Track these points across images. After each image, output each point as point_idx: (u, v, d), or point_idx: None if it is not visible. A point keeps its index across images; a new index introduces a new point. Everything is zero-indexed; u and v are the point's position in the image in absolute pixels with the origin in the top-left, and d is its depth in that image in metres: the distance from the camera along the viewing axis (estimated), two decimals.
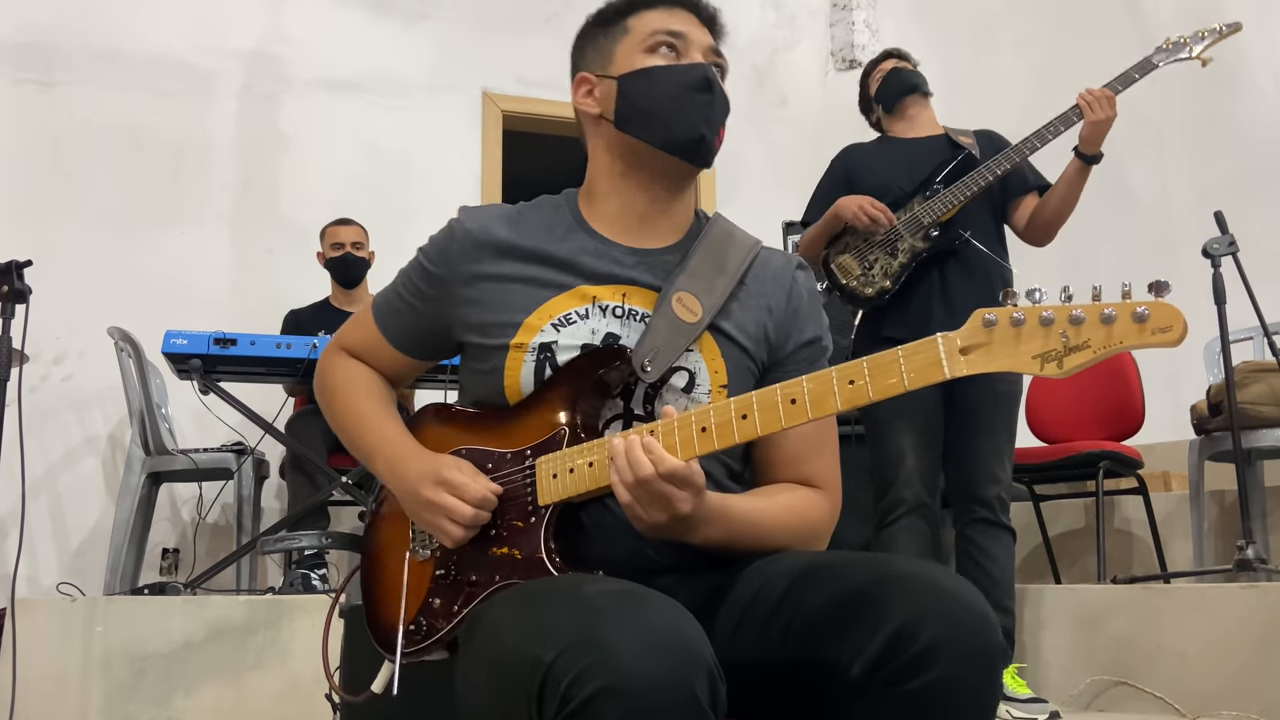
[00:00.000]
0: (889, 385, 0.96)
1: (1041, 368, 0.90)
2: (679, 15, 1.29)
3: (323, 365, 1.42)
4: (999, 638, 0.98)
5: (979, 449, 2.72)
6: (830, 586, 1.04)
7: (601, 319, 1.24)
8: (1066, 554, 3.90)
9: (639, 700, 0.85)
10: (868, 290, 2.80)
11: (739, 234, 1.34)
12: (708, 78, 1.26)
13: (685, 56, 1.28)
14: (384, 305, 1.37)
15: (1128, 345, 0.88)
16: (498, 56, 5.10)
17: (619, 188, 1.29)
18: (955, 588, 0.99)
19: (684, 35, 1.27)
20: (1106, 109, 2.64)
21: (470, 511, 1.15)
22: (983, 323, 0.93)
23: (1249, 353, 3.68)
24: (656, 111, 1.25)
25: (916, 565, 1.04)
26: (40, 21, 4.54)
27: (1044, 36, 5.36)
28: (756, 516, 1.20)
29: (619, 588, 0.98)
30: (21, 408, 2.60)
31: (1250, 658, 2.55)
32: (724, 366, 1.25)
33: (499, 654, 0.99)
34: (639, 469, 1.05)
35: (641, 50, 1.27)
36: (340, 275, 4.09)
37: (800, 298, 1.32)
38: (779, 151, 5.40)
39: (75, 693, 2.76)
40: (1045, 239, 2.87)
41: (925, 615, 0.95)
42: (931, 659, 0.94)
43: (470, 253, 1.28)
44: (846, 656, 0.98)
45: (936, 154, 2.86)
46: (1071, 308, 0.89)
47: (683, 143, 1.25)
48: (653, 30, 1.27)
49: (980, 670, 0.96)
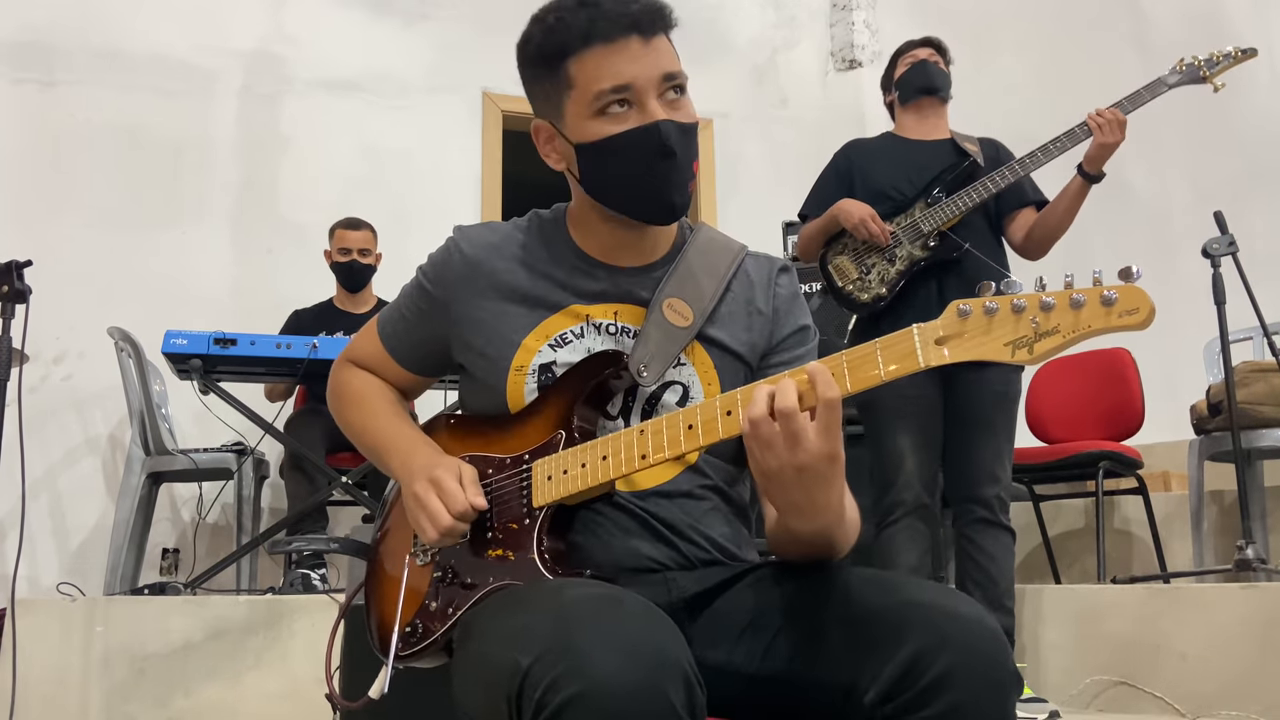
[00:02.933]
0: (868, 377, 0.97)
1: (1013, 354, 0.91)
2: (619, 51, 1.15)
3: (334, 378, 1.44)
4: (1013, 666, 0.98)
5: (978, 449, 2.72)
6: (843, 608, 1.04)
7: (596, 337, 1.26)
8: (1066, 554, 3.91)
9: (612, 706, 0.85)
10: (863, 296, 2.80)
11: (724, 240, 1.35)
12: (665, 142, 1.17)
13: (641, 109, 1.17)
14: (388, 323, 1.39)
15: (1096, 328, 0.89)
16: (498, 56, 5.05)
17: (604, 224, 1.29)
18: (969, 614, 0.99)
19: (632, 86, 1.15)
20: (1117, 133, 2.64)
21: (448, 522, 1.15)
22: (957, 313, 0.94)
23: (1249, 353, 3.69)
24: (621, 186, 1.21)
25: (931, 590, 1.04)
26: (40, 21, 4.54)
27: (1044, 36, 5.37)
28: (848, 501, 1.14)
29: (598, 593, 0.98)
30: (21, 408, 2.61)
31: (1250, 658, 2.55)
32: (716, 378, 1.26)
33: (483, 658, 1.00)
34: (784, 398, 0.98)
35: (590, 114, 1.17)
36: (345, 280, 4.11)
37: (782, 298, 1.34)
38: (779, 151, 5.40)
39: (75, 693, 2.76)
40: (1040, 253, 2.86)
41: (939, 643, 0.95)
42: (945, 687, 0.94)
43: (467, 274, 1.29)
44: (860, 682, 0.98)
45: (941, 159, 2.85)
46: (1043, 295, 0.90)
47: (651, 211, 1.24)
48: (598, 91, 1.16)
49: (993, 699, 0.96)
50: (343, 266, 4.07)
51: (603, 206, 1.25)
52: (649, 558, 1.20)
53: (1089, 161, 2.69)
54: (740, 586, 1.18)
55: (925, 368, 0.94)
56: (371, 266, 4.11)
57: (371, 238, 4.13)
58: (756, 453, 1.00)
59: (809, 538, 1.09)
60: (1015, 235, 2.88)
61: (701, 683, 0.92)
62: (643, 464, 1.10)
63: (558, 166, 1.27)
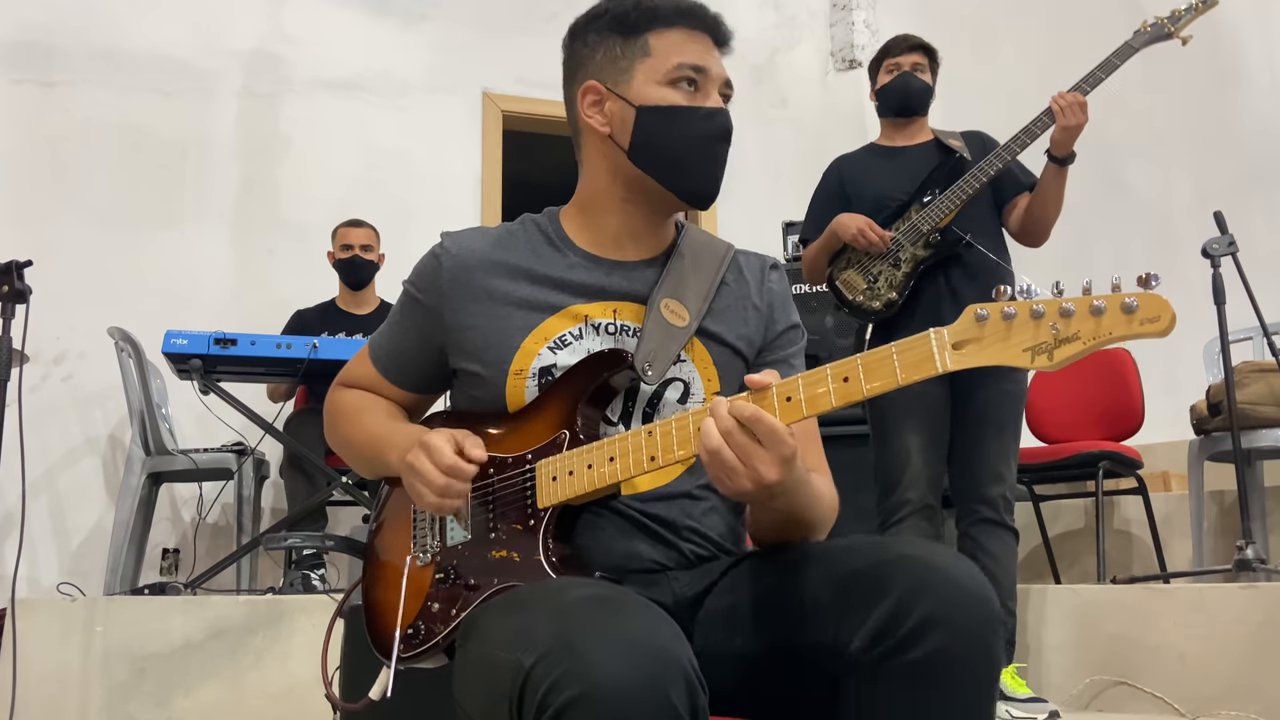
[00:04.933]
0: (883, 381, 0.97)
1: (1032, 360, 0.91)
2: (698, 40, 1.25)
3: (328, 402, 1.42)
4: (996, 606, 0.99)
5: (986, 448, 2.72)
6: (828, 571, 1.06)
7: (595, 337, 1.25)
8: (1066, 554, 3.91)
9: (614, 707, 0.85)
10: (875, 304, 2.81)
11: (711, 239, 1.37)
12: (727, 129, 1.25)
13: (705, 95, 1.24)
14: (379, 345, 1.38)
15: (1117, 335, 0.89)
16: (498, 56, 5.10)
17: (617, 210, 1.29)
18: (950, 561, 1.00)
19: (705, 70, 1.24)
20: (1079, 114, 2.66)
21: (441, 480, 1.14)
22: (975, 318, 0.94)
23: (1249, 353, 3.69)
24: (676, 157, 1.24)
25: (911, 544, 1.05)
26: (40, 21, 4.54)
27: (1044, 36, 5.37)
28: (816, 489, 1.19)
29: (599, 593, 0.98)
30: (21, 408, 2.61)
31: (1250, 658, 2.55)
32: (716, 374, 1.27)
33: (485, 659, 1.00)
34: (738, 413, 1.01)
35: (663, 81, 1.23)
36: (348, 277, 4.11)
37: (775, 294, 1.36)
38: (779, 151, 5.40)
39: (75, 693, 2.76)
40: (1038, 240, 2.87)
41: (921, 587, 0.97)
42: (929, 628, 0.95)
43: (458, 278, 1.28)
44: (845, 634, 0.99)
45: (928, 160, 2.87)
46: (1062, 301, 0.90)
47: (697, 193, 1.26)
48: (677, 62, 1.23)
49: (979, 638, 0.97)
50: (344, 263, 4.08)
51: (639, 180, 1.25)
52: (650, 559, 1.20)
53: (1055, 145, 2.71)
54: (735, 574, 1.19)
55: (943, 372, 0.94)
56: (374, 264, 4.11)
57: (373, 235, 4.14)
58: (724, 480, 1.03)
59: (782, 520, 1.15)
60: (1014, 223, 2.89)
61: (704, 683, 0.92)
62: (651, 465, 1.09)
63: (601, 129, 1.27)
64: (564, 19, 1.35)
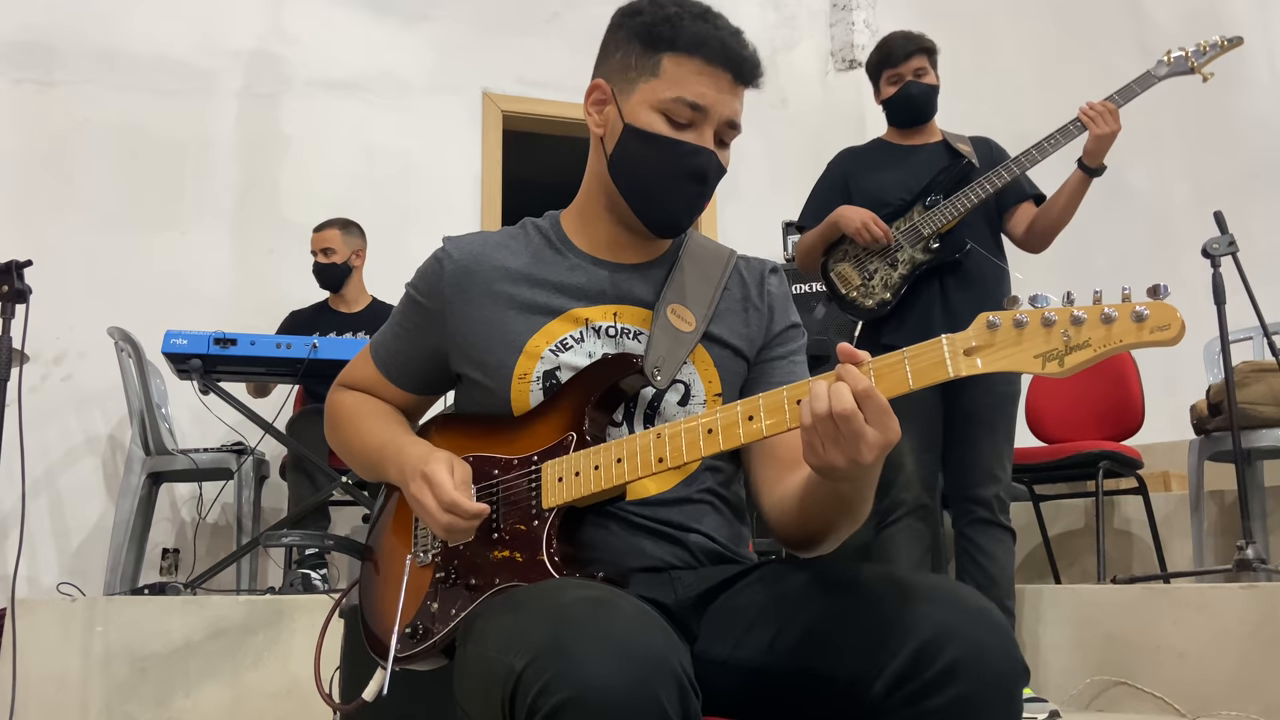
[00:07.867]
0: (894, 385, 0.98)
1: (1044, 366, 0.93)
2: (713, 76, 1.21)
3: (329, 403, 1.43)
4: (1020, 657, 0.99)
5: (979, 449, 2.73)
6: (849, 600, 1.05)
7: (596, 340, 1.26)
8: (1066, 554, 3.90)
9: (604, 710, 0.85)
10: (867, 302, 2.80)
11: (714, 245, 1.38)
12: (704, 171, 1.22)
13: (696, 133, 1.22)
14: (381, 346, 1.38)
15: (1127, 344, 0.90)
16: (498, 56, 5.10)
17: (606, 216, 1.30)
18: (977, 606, 0.99)
19: (705, 110, 1.21)
20: (1111, 123, 2.65)
21: (445, 519, 1.14)
22: (986, 325, 0.95)
23: (1249, 353, 3.69)
24: (645, 184, 1.24)
25: (938, 582, 1.04)
26: (40, 21, 4.54)
27: (1044, 36, 5.37)
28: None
29: (592, 595, 0.97)
30: (21, 408, 2.61)
31: (1250, 658, 2.55)
32: (717, 375, 1.28)
33: (480, 660, 1.00)
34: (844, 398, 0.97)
35: (657, 107, 1.21)
36: (318, 281, 4.10)
37: (774, 295, 1.36)
38: (779, 151, 5.39)
39: (75, 693, 2.76)
40: (1042, 246, 2.87)
41: (947, 633, 0.96)
42: (952, 678, 0.94)
43: (460, 282, 1.29)
44: (867, 674, 0.98)
45: (935, 162, 2.86)
46: (1073, 309, 0.92)
47: (659, 223, 1.27)
48: (677, 95, 1.20)
49: (1001, 689, 0.96)
50: (314, 267, 4.08)
51: (614, 192, 1.26)
52: (655, 557, 1.20)
53: (1088, 155, 2.70)
54: (747, 582, 1.18)
55: (954, 377, 0.95)
56: (337, 266, 4.05)
57: (337, 237, 4.06)
58: (819, 448, 0.98)
59: (835, 505, 1.10)
60: (1016, 230, 2.88)
61: (695, 687, 0.92)
62: (659, 467, 1.09)
63: (595, 129, 1.28)
64: (564, 19, 1.36)
